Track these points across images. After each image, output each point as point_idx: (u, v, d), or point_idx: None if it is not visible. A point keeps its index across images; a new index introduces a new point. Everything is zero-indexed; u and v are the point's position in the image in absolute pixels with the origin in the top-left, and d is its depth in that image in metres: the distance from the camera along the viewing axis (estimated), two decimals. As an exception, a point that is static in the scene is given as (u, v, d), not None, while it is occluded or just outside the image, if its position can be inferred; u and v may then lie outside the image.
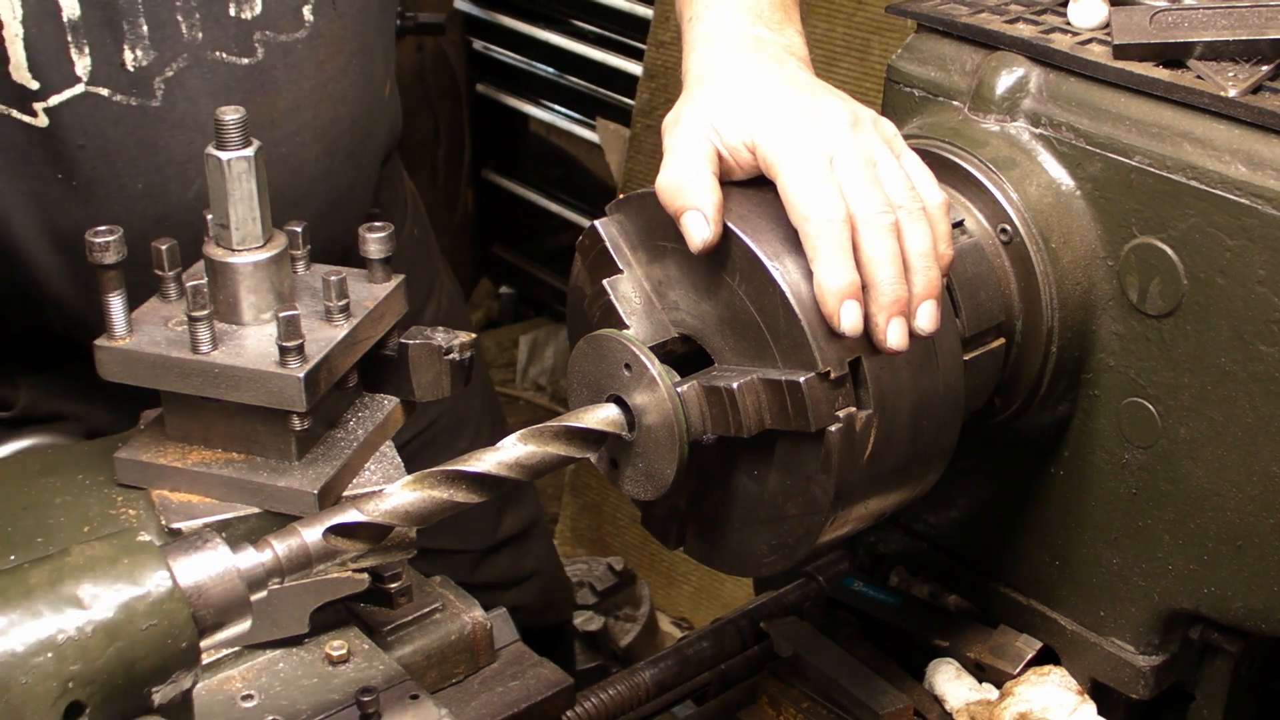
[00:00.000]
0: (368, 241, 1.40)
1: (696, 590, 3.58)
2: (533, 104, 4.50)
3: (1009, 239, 1.47)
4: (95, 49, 1.59)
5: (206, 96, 1.65)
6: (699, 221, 1.30)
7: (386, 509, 1.20)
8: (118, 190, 1.65)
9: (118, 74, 1.61)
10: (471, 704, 1.47)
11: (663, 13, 3.48)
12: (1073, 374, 1.50)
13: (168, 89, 1.64)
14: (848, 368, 1.29)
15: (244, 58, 1.67)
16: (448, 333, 1.41)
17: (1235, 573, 1.44)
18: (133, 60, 1.61)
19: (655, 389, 1.31)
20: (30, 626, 1.00)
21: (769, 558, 1.38)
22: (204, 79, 1.66)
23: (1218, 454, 1.41)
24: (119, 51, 1.61)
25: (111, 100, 1.62)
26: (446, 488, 1.22)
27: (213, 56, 1.66)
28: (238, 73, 1.67)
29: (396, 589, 1.43)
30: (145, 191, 1.66)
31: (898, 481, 1.39)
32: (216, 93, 1.66)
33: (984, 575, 1.67)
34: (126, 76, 1.62)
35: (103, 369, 1.34)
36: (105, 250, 1.29)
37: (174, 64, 1.63)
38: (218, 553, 1.10)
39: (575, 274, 1.45)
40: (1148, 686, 1.55)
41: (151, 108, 1.63)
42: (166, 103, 1.64)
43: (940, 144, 1.51)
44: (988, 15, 1.56)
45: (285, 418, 1.31)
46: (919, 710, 1.61)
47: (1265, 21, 1.42)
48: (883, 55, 3.00)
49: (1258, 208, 1.33)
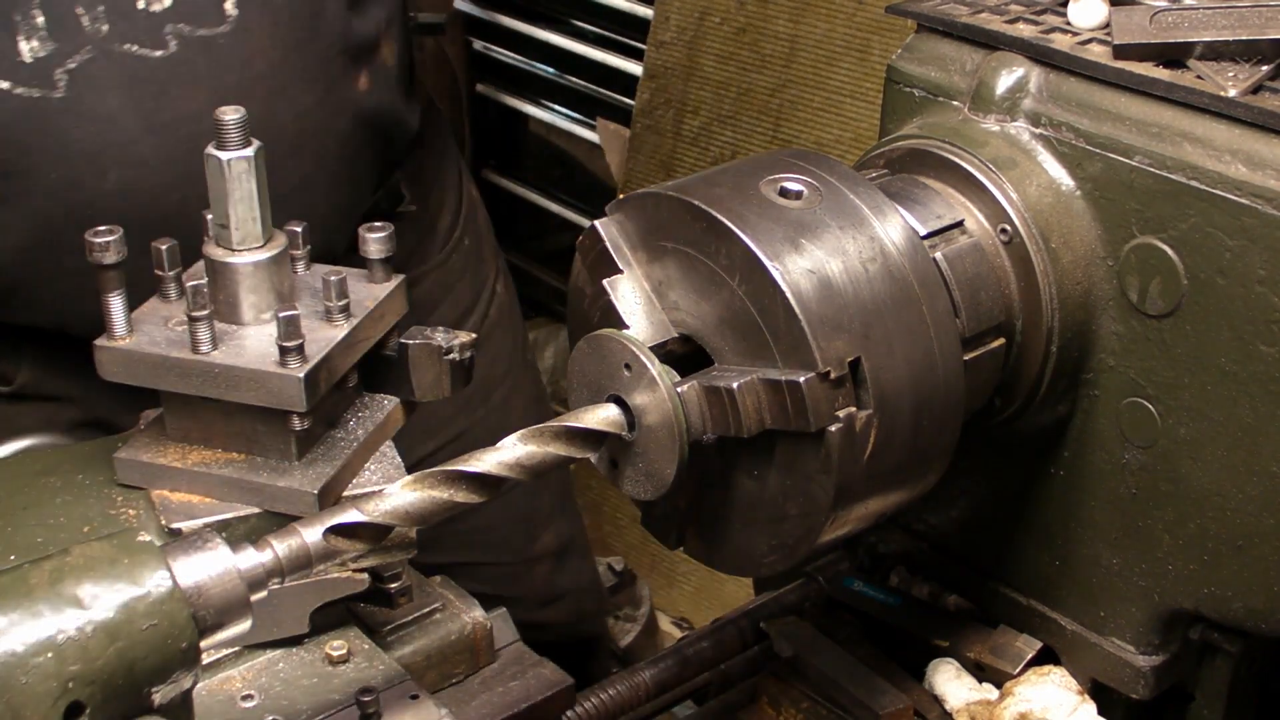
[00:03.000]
0: (368, 241, 1.40)
1: (696, 590, 3.57)
2: (533, 104, 4.50)
3: (1009, 239, 1.47)
4: None
5: (116, 89, 1.65)
6: None
7: (386, 509, 1.20)
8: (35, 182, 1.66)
9: (16, 66, 1.62)
10: (471, 704, 1.47)
11: (663, 13, 3.47)
12: (1073, 374, 1.50)
13: (71, 80, 1.63)
14: (848, 368, 1.29)
15: (155, 50, 1.66)
16: (448, 333, 1.41)
17: (1235, 573, 1.44)
18: (29, 51, 1.61)
19: (655, 389, 1.31)
20: (30, 626, 1.00)
21: (769, 558, 1.38)
22: (112, 71, 1.65)
23: (1218, 454, 1.41)
24: (14, 43, 1.61)
25: (12, 93, 1.62)
26: (446, 487, 1.22)
27: (121, 49, 1.65)
28: (150, 65, 1.66)
29: (396, 589, 1.43)
30: (60, 183, 1.66)
31: (898, 481, 1.39)
32: (128, 85, 1.65)
33: (984, 575, 1.67)
34: (25, 69, 1.62)
35: (102, 369, 1.34)
36: (105, 250, 1.29)
37: (76, 56, 1.63)
38: (218, 553, 1.10)
39: (575, 274, 1.45)
40: (1148, 686, 1.55)
41: (55, 99, 1.63)
42: (71, 94, 1.64)
43: (940, 144, 1.51)
44: (988, 15, 1.56)
45: (285, 418, 1.31)
46: (919, 710, 1.61)
47: (1265, 21, 1.42)
48: (883, 55, 3.00)
49: (1258, 208, 1.33)
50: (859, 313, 1.30)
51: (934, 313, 1.35)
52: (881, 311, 1.32)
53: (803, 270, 1.28)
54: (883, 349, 1.31)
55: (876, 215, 1.36)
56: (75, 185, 1.66)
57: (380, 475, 1.40)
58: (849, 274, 1.31)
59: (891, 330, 1.32)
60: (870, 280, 1.32)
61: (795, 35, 3.19)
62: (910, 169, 1.52)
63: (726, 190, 1.35)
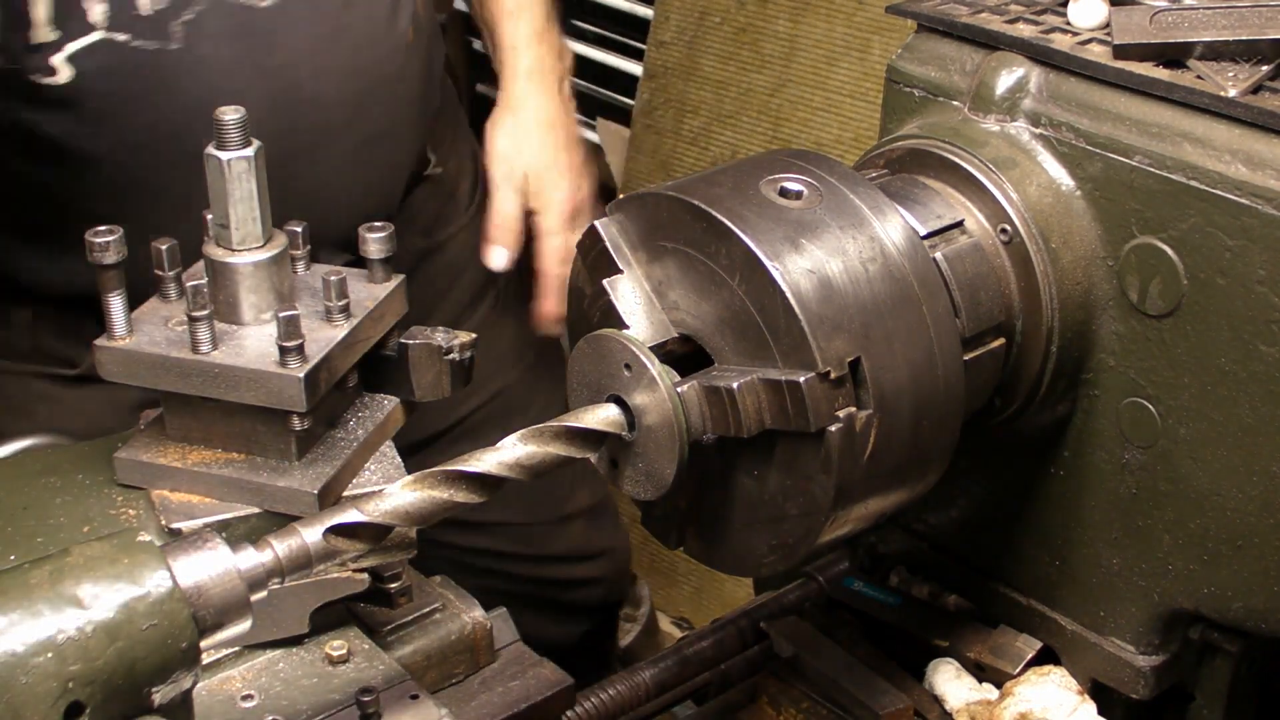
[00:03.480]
0: (368, 241, 1.40)
1: (696, 590, 3.57)
2: (533, 104, 4.50)
3: (1009, 239, 1.47)
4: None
5: (226, 38, 1.69)
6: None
7: (387, 509, 1.20)
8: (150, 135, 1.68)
9: (134, 19, 1.64)
10: (471, 704, 1.47)
11: (663, 13, 3.48)
12: (1073, 374, 1.50)
13: (186, 31, 1.67)
14: (847, 368, 1.29)
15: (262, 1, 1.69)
16: (447, 333, 1.41)
17: (1235, 573, 1.44)
18: (149, 4, 1.63)
19: (655, 389, 1.31)
20: (30, 626, 1.00)
21: (769, 558, 1.38)
22: (222, 21, 1.70)
23: (1218, 454, 1.41)
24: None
25: (130, 45, 1.64)
26: (446, 488, 1.22)
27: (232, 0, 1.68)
28: (257, 15, 1.72)
29: (396, 589, 1.43)
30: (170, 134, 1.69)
31: (898, 481, 1.39)
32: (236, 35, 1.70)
33: (984, 575, 1.67)
34: (144, 21, 1.65)
35: (102, 369, 1.34)
36: (105, 250, 1.29)
37: (192, 7, 1.66)
38: (218, 553, 1.10)
39: (575, 274, 1.45)
40: (1148, 686, 1.55)
41: (171, 50, 1.67)
42: (186, 45, 1.67)
43: (940, 144, 1.51)
44: (988, 15, 1.56)
45: (285, 418, 1.31)
46: (919, 710, 1.61)
47: (1265, 21, 1.42)
48: (883, 55, 3.00)
49: (1258, 208, 1.33)
50: (859, 313, 1.30)
51: (934, 313, 1.35)
52: (881, 311, 1.32)
53: (803, 270, 1.29)
54: (883, 349, 1.31)
55: (876, 215, 1.36)
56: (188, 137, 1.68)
57: (380, 475, 1.40)
58: (849, 274, 1.31)
59: (891, 330, 1.32)
60: (870, 280, 1.32)
61: (795, 35, 3.19)
62: (910, 169, 1.52)
63: (726, 190, 1.35)
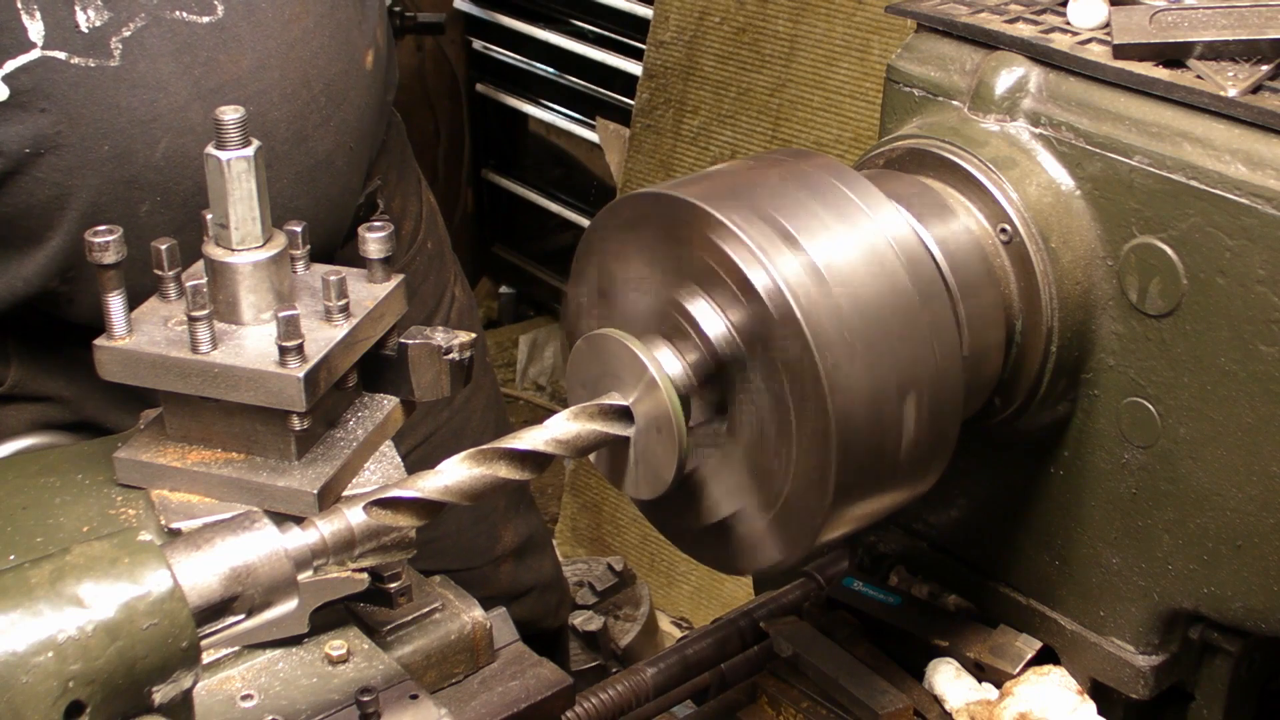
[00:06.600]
0: (367, 241, 1.40)
1: (696, 590, 3.58)
2: (532, 104, 4.50)
3: (1009, 239, 1.47)
4: (46, 12, 1.60)
5: (167, 55, 1.65)
6: None
7: (440, 486, 1.21)
8: (87, 155, 1.65)
9: (73, 36, 1.62)
10: (471, 704, 1.47)
11: (662, 13, 3.48)
12: (1073, 374, 1.50)
13: (126, 49, 1.64)
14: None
15: (204, 16, 1.68)
16: (447, 333, 1.41)
17: (1235, 573, 1.44)
18: (86, 21, 1.61)
19: (655, 389, 1.31)
20: (31, 626, 1.00)
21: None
22: (164, 38, 1.66)
23: (1218, 454, 1.41)
24: (71, 13, 1.61)
25: (69, 63, 1.62)
26: (495, 464, 1.24)
27: (172, 16, 1.66)
28: (199, 31, 1.67)
29: (396, 589, 1.43)
30: (111, 154, 1.66)
31: (898, 481, 1.39)
32: (178, 51, 1.66)
33: (984, 575, 1.67)
34: (82, 38, 1.62)
35: (102, 369, 1.34)
36: (105, 250, 1.29)
37: (131, 24, 1.63)
38: (265, 533, 1.11)
39: (574, 274, 1.45)
40: (1148, 686, 1.55)
41: (110, 68, 1.64)
42: (125, 62, 1.64)
43: (940, 144, 1.51)
44: (988, 15, 1.56)
45: (285, 418, 1.31)
46: (919, 710, 1.61)
47: (1265, 21, 1.42)
48: (883, 55, 3.00)
49: (1258, 208, 1.33)
50: (858, 313, 1.30)
51: (933, 313, 1.35)
52: (881, 311, 1.32)
53: (802, 270, 1.28)
54: (883, 349, 1.31)
55: (876, 215, 1.36)
56: (127, 157, 1.66)
57: (380, 475, 1.40)
58: (848, 274, 1.31)
59: (891, 330, 1.32)
60: (870, 280, 1.32)
61: (795, 35, 3.20)
62: (910, 168, 1.52)
63: (725, 189, 1.35)
